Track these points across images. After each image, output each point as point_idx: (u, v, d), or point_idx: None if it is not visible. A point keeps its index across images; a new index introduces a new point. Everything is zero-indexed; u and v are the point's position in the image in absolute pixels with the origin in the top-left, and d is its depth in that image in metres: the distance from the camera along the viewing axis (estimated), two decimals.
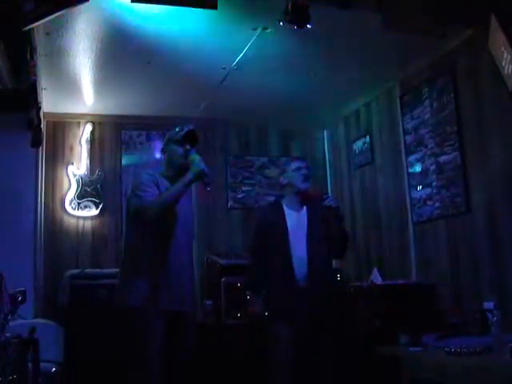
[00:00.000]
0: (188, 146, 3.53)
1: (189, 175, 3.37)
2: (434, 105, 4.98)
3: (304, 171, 4.12)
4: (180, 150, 3.52)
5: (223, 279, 5.49)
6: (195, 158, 3.45)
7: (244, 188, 6.63)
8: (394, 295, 4.45)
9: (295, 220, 4.06)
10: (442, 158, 4.86)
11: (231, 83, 5.39)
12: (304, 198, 4.14)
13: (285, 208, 4.12)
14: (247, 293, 4.62)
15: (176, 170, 3.52)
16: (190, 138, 3.56)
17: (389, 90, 5.71)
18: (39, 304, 5.46)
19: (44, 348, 3.18)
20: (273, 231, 4.06)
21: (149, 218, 3.34)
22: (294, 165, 4.16)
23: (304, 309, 3.84)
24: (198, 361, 4.53)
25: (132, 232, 3.51)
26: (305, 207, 4.13)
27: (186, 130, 3.56)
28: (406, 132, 5.39)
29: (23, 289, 3.23)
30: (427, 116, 5.07)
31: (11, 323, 3.51)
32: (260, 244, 4.15)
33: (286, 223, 4.03)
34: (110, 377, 4.65)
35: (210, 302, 5.59)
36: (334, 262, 5.91)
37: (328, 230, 4.01)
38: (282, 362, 3.84)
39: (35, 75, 4.30)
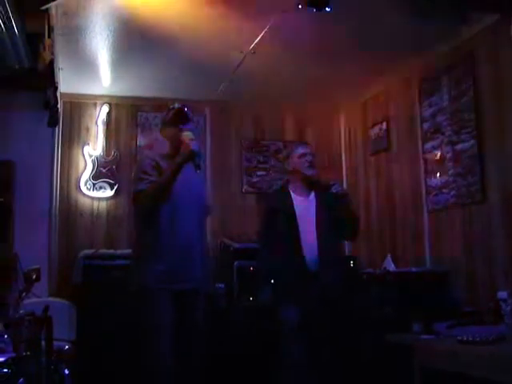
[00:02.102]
0: (180, 126, 3.50)
1: (177, 158, 3.35)
2: (453, 92, 4.93)
3: (309, 158, 4.10)
4: (172, 130, 3.50)
5: (236, 263, 5.49)
6: (184, 138, 3.40)
7: (259, 172, 6.62)
8: (407, 282, 4.44)
9: (303, 206, 4.05)
10: (459, 146, 4.82)
11: (248, 67, 5.35)
12: (311, 184, 4.13)
13: (292, 194, 4.11)
14: (257, 279, 4.63)
15: (174, 151, 3.49)
16: (180, 117, 3.53)
17: (407, 76, 5.65)
18: (53, 283, 5.50)
19: (57, 326, 3.19)
20: (281, 217, 4.05)
21: (141, 208, 3.36)
22: (299, 151, 4.14)
23: (315, 294, 3.84)
24: (209, 344, 4.56)
25: (138, 216, 3.54)
26: (312, 193, 4.12)
27: (173, 109, 3.54)
28: (423, 119, 5.35)
29: (38, 267, 3.25)
30: (445, 103, 5.02)
31: (25, 301, 3.54)
32: (268, 231, 4.15)
33: (294, 209, 4.03)
34: (120, 356, 4.69)
35: (223, 286, 5.60)
36: (346, 248, 5.95)
37: (337, 215, 4.00)
38: (291, 346, 3.85)
39: (52, 55, 4.30)
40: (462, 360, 3.45)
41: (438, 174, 5.07)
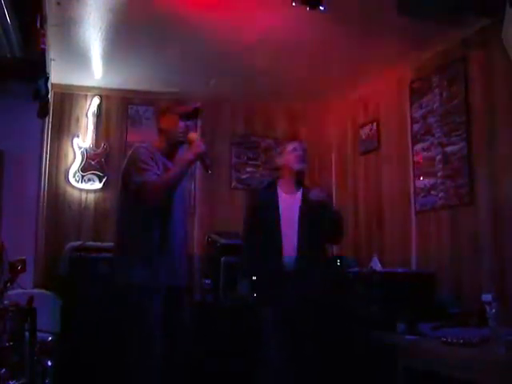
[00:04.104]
0: (190, 122, 3.50)
1: (188, 156, 3.33)
2: (444, 94, 4.95)
3: (299, 152, 4.12)
4: (182, 124, 3.47)
5: (223, 258, 5.48)
6: (195, 137, 3.40)
7: (248, 169, 6.62)
8: (393, 283, 4.44)
9: (288, 203, 4.07)
10: (449, 148, 4.83)
11: (241, 62, 5.35)
12: (299, 181, 4.15)
13: (279, 191, 4.13)
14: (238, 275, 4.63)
15: (172, 143, 3.47)
16: (192, 115, 3.53)
17: (399, 76, 5.66)
18: (39, 274, 5.47)
19: (41, 318, 3.18)
20: (265, 214, 4.07)
21: (151, 200, 3.30)
22: (290, 146, 4.17)
23: (292, 293, 3.85)
24: (195, 339, 4.56)
25: (128, 208, 3.44)
26: (300, 190, 4.14)
27: (193, 106, 3.52)
28: (413, 120, 5.36)
29: (23, 257, 3.23)
30: (436, 105, 5.03)
31: (10, 292, 3.52)
32: (251, 228, 4.17)
33: (278, 206, 4.05)
34: (104, 349, 4.68)
35: (209, 281, 5.59)
36: (333, 248, 5.95)
37: (320, 218, 4.00)
38: (272, 343, 3.87)
39: (44, 44, 4.27)
40: (445, 361, 3.48)
41: (427, 176, 5.09)
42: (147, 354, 3.25)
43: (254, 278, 4.06)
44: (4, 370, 2.63)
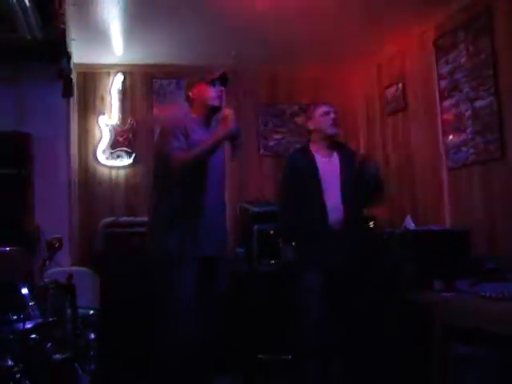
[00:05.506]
0: (220, 87, 3.50)
1: (220, 132, 3.33)
2: (470, 48, 4.85)
3: (332, 116, 4.06)
4: (212, 90, 3.48)
5: (255, 227, 5.48)
6: (230, 114, 3.39)
7: (275, 136, 6.61)
8: (428, 241, 4.41)
9: (327, 166, 4.02)
10: (478, 103, 4.75)
11: (261, 29, 5.30)
12: (333, 144, 4.10)
13: (315, 154, 4.07)
14: (279, 241, 4.63)
15: (206, 111, 3.49)
16: (222, 81, 3.53)
17: (423, 34, 5.56)
18: (75, 252, 5.55)
19: (81, 295, 3.24)
20: (304, 178, 4.02)
21: (180, 175, 3.32)
22: (322, 110, 4.10)
23: (338, 255, 3.84)
24: (230, 308, 4.59)
25: (162, 182, 3.50)
26: (335, 153, 4.09)
27: (220, 71, 3.52)
28: (440, 77, 5.27)
29: (60, 236, 3.29)
30: (463, 60, 4.94)
31: (49, 271, 3.60)
32: (290, 191, 4.11)
33: (317, 170, 4.00)
34: (143, 322, 4.74)
35: (243, 250, 5.62)
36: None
37: (360, 177, 3.98)
38: (312, 309, 3.87)
39: (64, 24, 4.28)
40: (485, 316, 3.45)
41: (457, 132, 5.02)
42: (181, 324, 3.29)
43: (294, 243, 4.04)
44: (49, 344, 2.70)
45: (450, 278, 4.00)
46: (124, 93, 6.24)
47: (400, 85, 5.98)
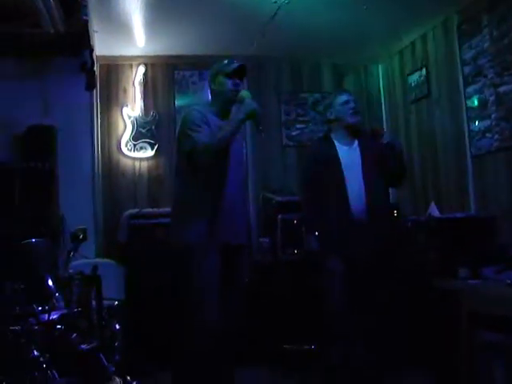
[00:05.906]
0: (237, 80, 3.51)
1: (240, 115, 3.34)
2: (494, 33, 4.78)
3: (352, 104, 4.05)
4: (229, 83, 3.49)
5: (279, 216, 5.46)
6: (246, 95, 3.41)
7: (298, 125, 6.58)
8: (453, 228, 4.38)
9: (348, 155, 4.02)
10: (502, 89, 4.69)
11: (283, 18, 5.27)
12: (354, 132, 4.08)
13: (336, 143, 4.07)
14: (303, 229, 4.62)
15: (224, 103, 3.51)
16: (239, 73, 3.54)
17: (446, 19, 5.49)
18: (100, 244, 5.61)
19: (105, 286, 3.27)
20: (327, 167, 4.02)
21: (204, 161, 3.33)
22: (341, 98, 4.09)
23: (361, 243, 3.83)
24: (254, 298, 4.60)
25: (184, 171, 3.52)
26: (356, 141, 4.08)
27: (237, 64, 3.53)
28: (464, 62, 5.21)
29: (84, 227, 3.32)
30: (487, 45, 4.87)
31: (74, 262, 3.64)
32: (313, 180, 4.11)
33: (339, 158, 3.99)
34: (167, 311, 4.77)
35: (267, 240, 5.62)
36: (390, 197, 5.90)
37: (382, 164, 3.96)
38: (337, 297, 3.87)
39: (86, 16, 4.31)
40: (509, 304, 3.42)
41: (481, 118, 4.96)
42: (204, 312, 3.30)
43: (317, 233, 4.03)
44: (74, 334, 2.73)
45: (476, 266, 3.97)
46: (146, 84, 6.25)
47: (423, 71, 5.91)
